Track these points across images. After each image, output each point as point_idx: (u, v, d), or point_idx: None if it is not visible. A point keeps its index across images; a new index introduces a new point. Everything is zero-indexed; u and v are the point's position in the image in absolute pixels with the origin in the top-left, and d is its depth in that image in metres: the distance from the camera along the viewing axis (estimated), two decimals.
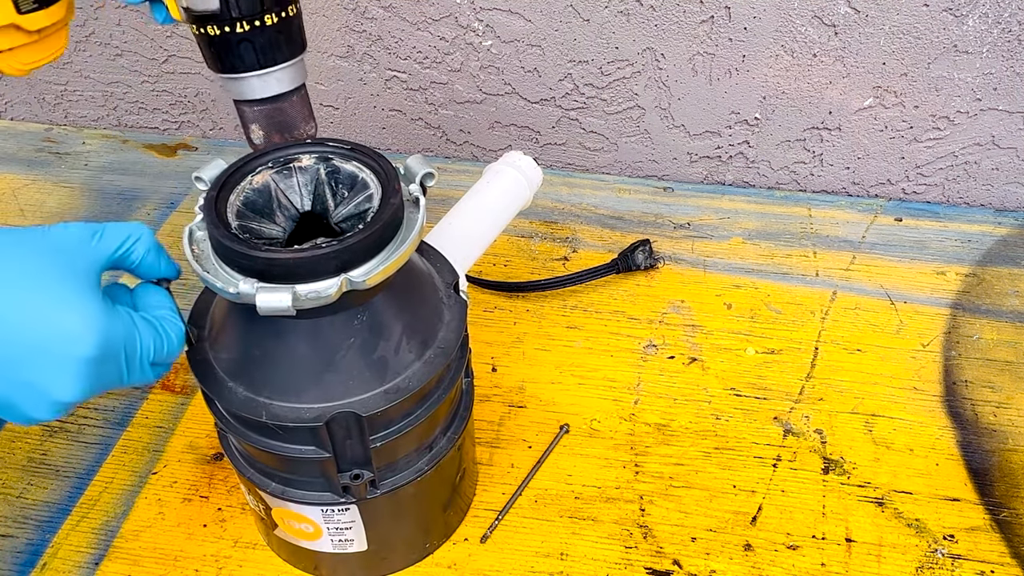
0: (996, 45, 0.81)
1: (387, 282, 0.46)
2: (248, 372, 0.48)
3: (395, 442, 0.50)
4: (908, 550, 0.59)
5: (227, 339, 0.49)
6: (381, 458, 0.50)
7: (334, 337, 0.47)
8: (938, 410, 0.69)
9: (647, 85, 0.89)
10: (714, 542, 0.60)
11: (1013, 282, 0.81)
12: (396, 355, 0.48)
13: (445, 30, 0.89)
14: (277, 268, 0.43)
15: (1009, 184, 0.90)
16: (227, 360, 0.49)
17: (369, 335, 0.47)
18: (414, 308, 0.50)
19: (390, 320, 0.48)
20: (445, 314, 0.52)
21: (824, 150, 0.91)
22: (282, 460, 0.50)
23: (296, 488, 0.52)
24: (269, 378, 0.47)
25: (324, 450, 0.48)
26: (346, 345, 0.47)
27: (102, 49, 0.99)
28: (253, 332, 0.48)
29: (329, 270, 0.43)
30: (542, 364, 0.73)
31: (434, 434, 0.53)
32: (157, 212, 0.90)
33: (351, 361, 0.47)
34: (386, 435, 0.49)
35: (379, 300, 0.48)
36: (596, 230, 0.88)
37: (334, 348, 0.47)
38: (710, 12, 0.83)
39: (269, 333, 0.47)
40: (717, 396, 0.71)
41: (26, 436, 0.68)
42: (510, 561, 0.59)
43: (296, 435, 0.48)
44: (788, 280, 0.82)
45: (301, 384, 0.47)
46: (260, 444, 0.49)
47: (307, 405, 0.47)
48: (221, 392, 0.48)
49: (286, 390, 0.47)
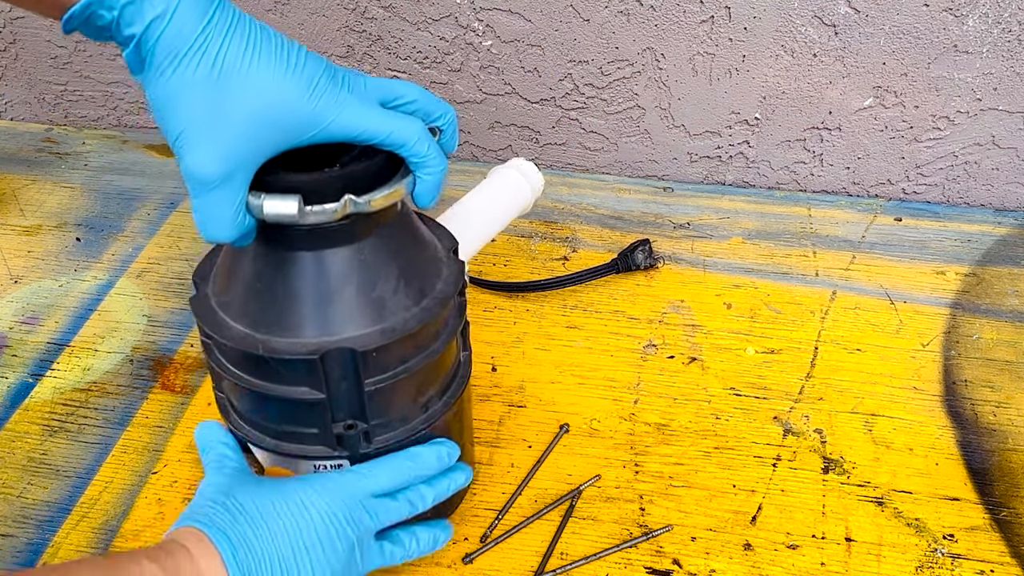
0: (996, 45, 0.81)
1: (388, 223, 0.49)
2: (248, 310, 0.49)
3: (389, 392, 0.50)
4: (908, 549, 0.59)
5: (230, 280, 0.50)
6: (375, 410, 0.50)
7: (334, 272, 0.48)
8: (938, 410, 0.69)
9: (647, 85, 0.89)
10: (714, 542, 0.60)
11: (1013, 282, 0.81)
12: (394, 297, 0.49)
13: (445, 30, 0.89)
14: (285, 184, 0.45)
15: (1009, 184, 0.90)
16: (228, 301, 0.50)
17: (368, 274, 0.48)
18: (413, 257, 0.51)
19: (389, 263, 0.49)
20: (443, 270, 0.53)
21: (824, 150, 0.91)
22: (277, 408, 0.50)
23: (290, 442, 0.52)
24: (268, 314, 0.48)
25: (318, 390, 0.48)
26: (345, 281, 0.48)
27: (102, 49, 0.99)
28: (255, 267, 0.49)
29: (335, 191, 0.45)
30: (542, 364, 0.73)
31: (428, 393, 0.53)
32: (157, 212, 0.90)
33: (349, 298, 0.48)
34: (381, 380, 0.49)
35: (380, 241, 0.49)
36: (596, 230, 0.88)
37: (333, 283, 0.48)
38: (710, 12, 0.83)
39: (271, 266, 0.48)
40: (717, 396, 0.71)
41: (26, 436, 0.68)
42: (510, 561, 0.59)
43: (292, 372, 0.48)
44: (788, 280, 0.82)
45: (299, 319, 0.48)
46: (257, 388, 0.49)
47: (304, 340, 0.47)
48: (220, 329, 0.49)
49: (284, 325, 0.48)
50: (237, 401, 0.53)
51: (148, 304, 0.80)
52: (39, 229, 0.89)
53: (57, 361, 0.74)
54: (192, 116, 0.42)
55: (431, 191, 0.49)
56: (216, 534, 0.45)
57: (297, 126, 0.43)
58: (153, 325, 0.77)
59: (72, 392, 0.71)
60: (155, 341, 0.76)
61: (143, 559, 0.42)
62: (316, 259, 0.48)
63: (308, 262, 0.48)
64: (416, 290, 0.50)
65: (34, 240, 0.87)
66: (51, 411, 0.70)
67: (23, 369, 0.73)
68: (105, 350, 0.75)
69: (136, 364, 0.74)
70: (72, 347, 0.75)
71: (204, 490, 0.48)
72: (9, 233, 0.88)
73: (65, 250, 0.86)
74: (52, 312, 0.79)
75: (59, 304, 0.79)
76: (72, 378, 0.72)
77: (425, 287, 0.51)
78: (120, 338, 0.76)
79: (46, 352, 0.75)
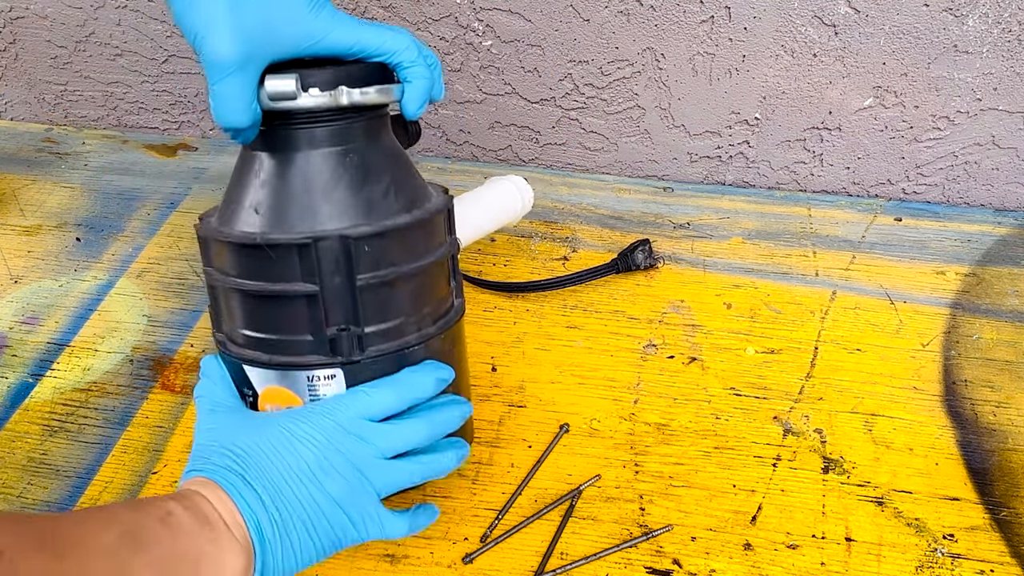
0: (996, 45, 0.81)
1: (380, 138, 0.54)
2: (245, 215, 0.53)
3: (382, 294, 0.52)
4: (908, 549, 0.59)
5: (229, 203, 0.54)
6: (368, 314, 0.52)
7: (326, 170, 0.52)
8: (938, 410, 0.69)
9: (647, 85, 0.89)
10: (714, 541, 0.60)
11: (1013, 282, 0.81)
12: (383, 200, 0.53)
13: (445, 30, 0.89)
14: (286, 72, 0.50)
15: (1009, 184, 0.90)
16: (228, 218, 0.54)
17: (358, 174, 0.52)
18: (403, 176, 0.55)
19: (379, 171, 0.53)
20: (432, 195, 0.57)
21: (824, 150, 0.91)
22: (272, 314, 0.52)
23: (283, 354, 0.53)
24: (264, 213, 0.52)
25: (311, 282, 0.51)
26: (337, 180, 0.52)
27: (102, 49, 0.99)
28: (251, 178, 0.53)
29: (330, 84, 0.50)
30: (542, 364, 0.73)
31: (422, 311, 0.55)
32: (157, 212, 0.90)
33: (340, 195, 0.52)
34: (373, 276, 0.51)
35: (370, 150, 0.53)
36: (596, 230, 0.88)
37: (325, 180, 0.52)
38: (710, 12, 0.83)
39: (267, 172, 0.52)
40: (717, 396, 0.71)
41: (26, 436, 0.68)
42: (510, 561, 0.59)
43: (286, 263, 0.51)
44: (788, 280, 0.82)
45: (293, 217, 0.51)
46: (254, 289, 0.52)
47: (298, 232, 0.51)
48: (219, 231, 0.53)
49: (279, 221, 0.51)
50: (234, 320, 0.54)
51: (148, 304, 0.80)
52: (39, 229, 0.89)
53: (57, 361, 0.74)
54: (210, 15, 0.47)
55: (418, 97, 0.53)
56: (221, 477, 0.48)
57: (297, 36, 0.49)
58: (153, 325, 0.77)
59: (72, 392, 0.71)
60: (155, 341, 0.76)
61: (167, 499, 0.46)
62: (308, 159, 0.52)
63: (301, 162, 0.52)
64: (406, 199, 0.54)
65: (34, 240, 0.87)
66: (51, 411, 0.70)
67: (23, 369, 0.73)
68: (105, 350, 0.75)
69: (136, 364, 0.74)
70: (72, 347, 0.75)
71: (200, 437, 0.52)
72: (9, 233, 0.88)
73: (65, 250, 0.86)
74: (52, 312, 0.79)
75: (59, 304, 0.79)
76: (72, 378, 0.72)
77: (415, 200, 0.55)
78: (120, 338, 0.76)
79: (46, 352, 0.75)
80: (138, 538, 0.43)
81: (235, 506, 0.47)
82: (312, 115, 0.51)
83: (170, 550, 0.44)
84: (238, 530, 0.47)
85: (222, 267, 0.54)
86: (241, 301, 0.53)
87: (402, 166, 0.56)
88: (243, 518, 0.47)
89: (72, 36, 0.98)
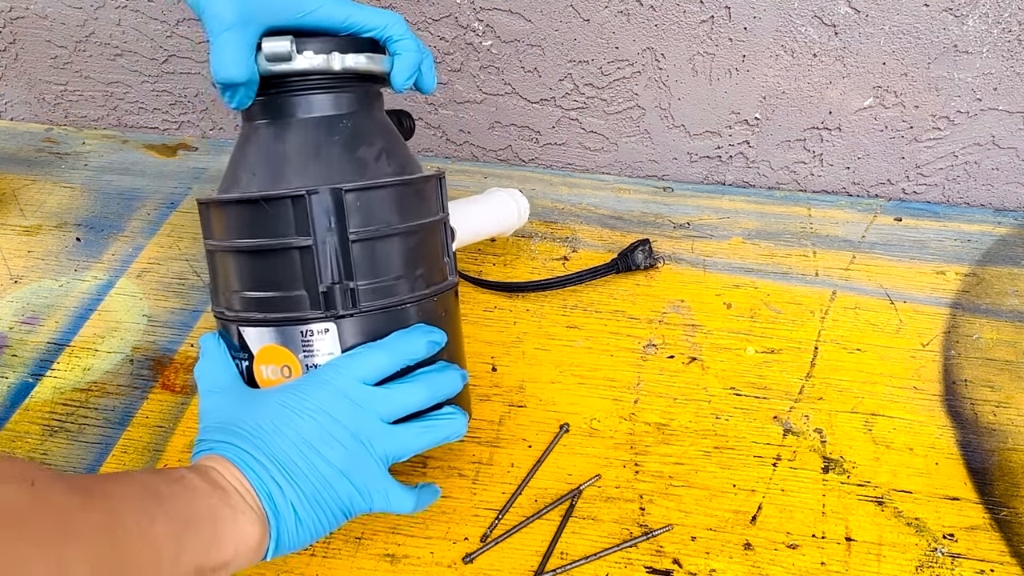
0: (996, 45, 0.81)
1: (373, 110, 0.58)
2: (244, 181, 0.55)
3: (375, 250, 0.53)
4: (908, 549, 0.59)
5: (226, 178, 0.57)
6: (361, 269, 0.53)
7: (321, 134, 0.55)
8: (938, 409, 0.69)
9: (647, 85, 0.89)
10: (714, 541, 0.60)
11: (1013, 282, 0.81)
12: (375, 163, 0.56)
13: (445, 30, 0.89)
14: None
15: (1009, 184, 0.90)
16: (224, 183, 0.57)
17: (351, 138, 0.55)
18: (395, 143, 0.58)
19: (371, 135, 0.56)
20: (423, 168, 0.59)
21: (824, 150, 0.91)
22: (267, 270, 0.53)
23: (278, 311, 0.53)
24: (260, 175, 0.54)
25: (305, 234, 0.52)
26: (331, 142, 0.55)
27: (102, 49, 0.99)
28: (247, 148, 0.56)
29: (324, 49, 0.54)
30: (542, 364, 0.73)
31: (416, 272, 0.56)
32: (157, 212, 0.90)
33: (334, 154, 0.54)
34: (365, 231, 0.53)
35: (364, 117, 0.57)
36: (596, 230, 0.88)
37: (320, 142, 0.55)
38: (710, 12, 0.83)
39: (262, 138, 0.55)
40: (717, 396, 0.71)
41: (26, 436, 0.68)
42: (510, 561, 0.59)
43: (280, 219, 0.52)
44: (788, 280, 0.82)
45: (289, 174, 0.54)
46: (248, 246, 0.53)
47: (293, 188, 0.53)
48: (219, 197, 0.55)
49: (275, 181, 0.54)
50: (231, 285, 0.55)
51: (148, 304, 0.80)
52: (39, 229, 0.89)
53: (57, 361, 0.74)
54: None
55: (407, 68, 0.56)
56: (230, 452, 0.49)
57: (291, 5, 0.52)
58: (153, 325, 0.77)
59: (72, 392, 0.71)
60: (155, 341, 0.76)
61: (180, 469, 0.48)
62: (303, 125, 0.55)
63: (297, 127, 0.55)
64: (397, 164, 0.57)
65: (34, 240, 0.87)
66: (51, 411, 0.70)
67: (23, 369, 0.73)
68: (105, 350, 0.75)
69: (136, 364, 0.74)
70: (72, 347, 0.75)
71: (204, 419, 0.53)
72: (9, 233, 0.88)
73: (65, 250, 0.86)
74: (52, 312, 0.79)
75: (59, 304, 0.79)
76: (72, 378, 0.72)
77: (405, 167, 0.57)
78: (120, 338, 0.76)
79: (46, 352, 0.75)
80: (159, 493, 0.44)
81: (246, 478, 0.48)
82: (307, 79, 0.54)
83: (190, 506, 0.45)
84: (252, 500, 0.47)
85: (221, 231, 0.55)
86: (238, 263, 0.55)
87: (394, 139, 0.58)
88: (255, 490, 0.48)
89: (72, 36, 0.98)
